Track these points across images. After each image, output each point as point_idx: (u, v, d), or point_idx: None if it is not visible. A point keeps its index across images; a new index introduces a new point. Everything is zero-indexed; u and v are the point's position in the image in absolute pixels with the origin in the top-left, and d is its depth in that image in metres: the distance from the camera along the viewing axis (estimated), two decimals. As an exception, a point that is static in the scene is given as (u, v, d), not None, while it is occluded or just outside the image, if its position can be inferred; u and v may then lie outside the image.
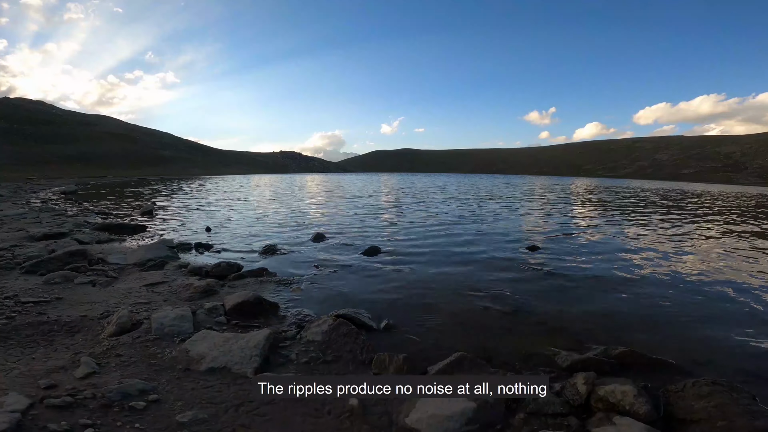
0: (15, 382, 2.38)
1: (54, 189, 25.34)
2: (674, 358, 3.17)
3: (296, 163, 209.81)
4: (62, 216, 11.05)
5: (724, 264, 6.69)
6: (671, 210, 17.35)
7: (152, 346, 3.00)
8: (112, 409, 2.17)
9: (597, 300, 4.73)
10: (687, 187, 54.62)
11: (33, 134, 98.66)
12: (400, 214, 13.41)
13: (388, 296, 4.69)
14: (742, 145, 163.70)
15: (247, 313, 3.76)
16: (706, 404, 2.29)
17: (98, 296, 4.18)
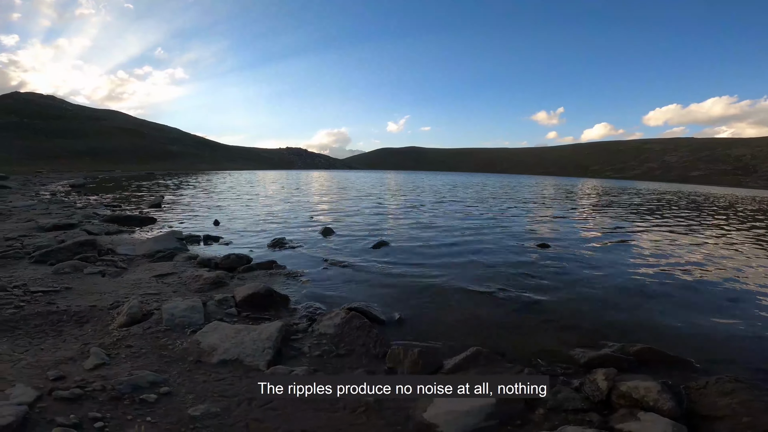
0: (22, 374, 2.32)
1: (63, 182, 25.48)
2: (692, 357, 3.13)
3: (302, 159, 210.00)
4: (71, 208, 11.09)
5: (740, 265, 6.57)
6: (686, 210, 17.13)
7: (163, 337, 2.95)
8: (123, 401, 2.11)
9: (609, 297, 4.66)
10: (703, 190, 53.99)
11: (43, 128, 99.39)
12: (408, 210, 13.33)
13: (398, 290, 4.63)
14: (752, 147, 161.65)
15: (257, 305, 3.70)
16: (730, 401, 2.31)
17: (108, 286, 4.15)
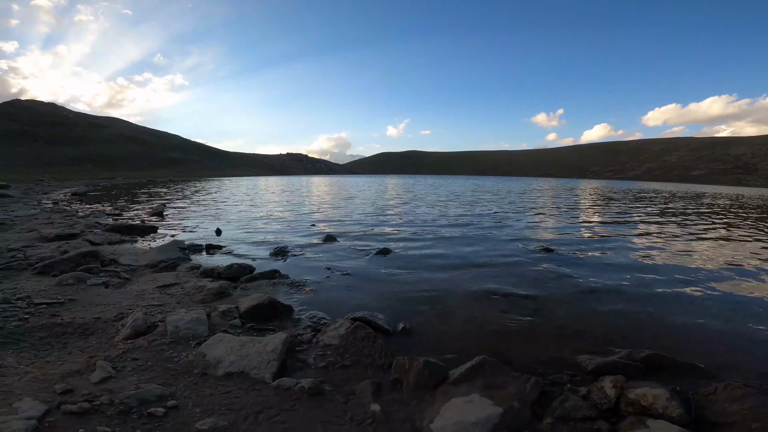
0: (29, 387, 2.32)
1: (65, 190, 25.53)
2: (700, 362, 3.10)
3: (303, 165, 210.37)
4: (73, 217, 11.10)
5: (752, 267, 6.52)
6: (690, 211, 17.11)
7: (168, 349, 2.95)
8: (131, 415, 2.11)
9: (615, 303, 4.61)
10: (706, 189, 53.90)
11: (44, 136, 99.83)
12: (411, 216, 13.32)
13: (402, 299, 4.61)
14: (752, 146, 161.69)
15: (261, 316, 3.70)
16: (740, 407, 2.28)
17: (111, 298, 4.15)
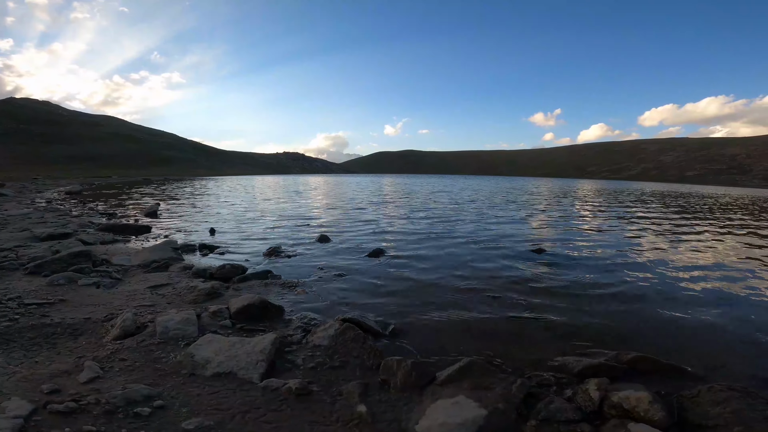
0: (17, 387, 2.34)
1: (59, 189, 25.43)
2: (687, 364, 3.12)
3: (300, 164, 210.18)
4: (67, 216, 11.07)
5: (738, 268, 6.59)
6: (683, 211, 17.21)
7: (157, 350, 2.96)
8: (117, 415, 2.13)
9: (605, 305, 4.63)
10: (702, 190, 54.19)
11: (39, 134, 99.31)
12: (405, 217, 13.34)
13: (393, 300, 4.63)
14: (747, 147, 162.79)
15: (252, 317, 3.71)
16: (722, 410, 2.29)
17: (102, 298, 4.15)
